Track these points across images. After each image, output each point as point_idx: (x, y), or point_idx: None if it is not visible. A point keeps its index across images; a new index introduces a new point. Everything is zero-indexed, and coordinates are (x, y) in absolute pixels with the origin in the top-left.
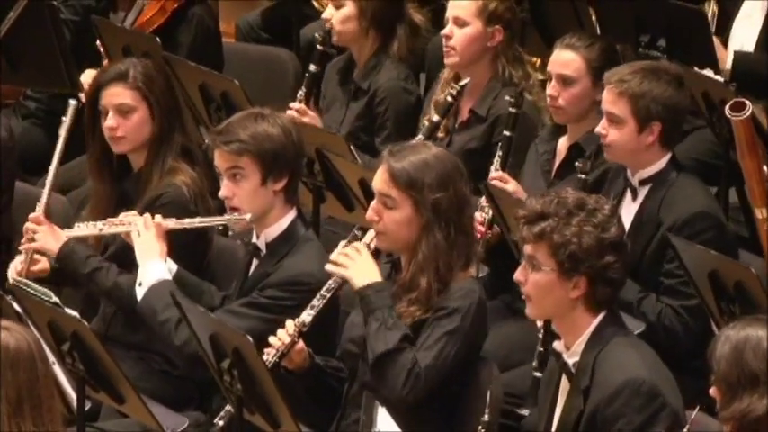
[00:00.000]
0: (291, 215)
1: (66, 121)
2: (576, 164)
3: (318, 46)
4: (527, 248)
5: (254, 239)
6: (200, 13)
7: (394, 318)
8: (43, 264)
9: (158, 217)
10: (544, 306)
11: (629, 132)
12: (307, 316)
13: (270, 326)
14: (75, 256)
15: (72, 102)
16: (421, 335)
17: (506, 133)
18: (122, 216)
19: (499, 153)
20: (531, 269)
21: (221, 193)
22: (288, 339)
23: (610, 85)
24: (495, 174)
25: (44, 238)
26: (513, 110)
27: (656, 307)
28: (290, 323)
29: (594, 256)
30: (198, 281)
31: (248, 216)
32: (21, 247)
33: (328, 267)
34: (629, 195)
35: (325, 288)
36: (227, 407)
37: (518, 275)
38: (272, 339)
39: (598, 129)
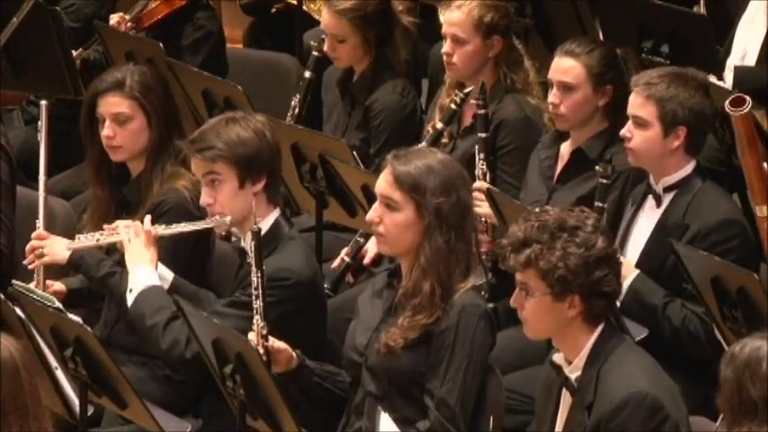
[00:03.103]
0: (274, 215)
1: (42, 124)
2: (597, 168)
3: (314, 52)
4: (517, 276)
5: (241, 243)
6: (205, 17)
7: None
8: (59, 286)
9: (147, 224)
10: (542, 328)
11: (655, 136)
12: (260, 322)
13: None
14: (87, 259)
15: (43, 102)
16: (440, 364)
17: (481, 135)
18: (117, 223)
19: (480, 156)
20: (525, 295)
21: (202, 201)
22: (261, 349)
23: (637, 88)
24: (479, 183)
25: (51, 248)
26: (481, 111)
27: (681, 312)
28: (251, 334)
29: (583, 274)
30: (195, 288)
31: (228, 218)
32: (31, 266)
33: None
34: (651, 201)
35: (253, 287)
36: None
37: (513, 301)
38: None
39: (623, 132)
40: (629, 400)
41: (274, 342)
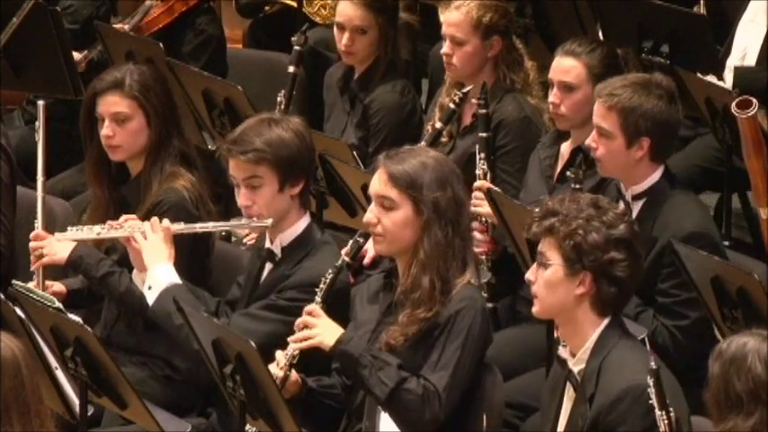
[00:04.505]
0: (306, 219)
1: (40, 124)
2: (568, 173)
3: (296, 47)
4: (539, 247)
5: (267, 245)
6: (206, 21)
7: (378, 356)
8: (58, 287)
9: (166, 221)
10: (550, 304)
11: (618, 147)
12: (295, 349)
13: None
14: (86, 259)
15: (40, 103)
16: (433, 353)
17: (482, 135)
18: (124, 217)
19: (481, 155)
20: (541, 267)
21: (240, 202)
22: (281, 374)
23: (600, 99)
24: (479, 183)
25: (50, 248)
26: (482, 111)
27: (652, 324)
28: (279, 355)
29: (599, 249)
30: (192, 287)
31: (270, 221)
32: (32, 268)
33: (294, 346)
34: (621, 207)
35: (317, 301)
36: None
37: (529, 275)
38: None
39: (588, 141)
40: (627, 392)
41: (293, 373)
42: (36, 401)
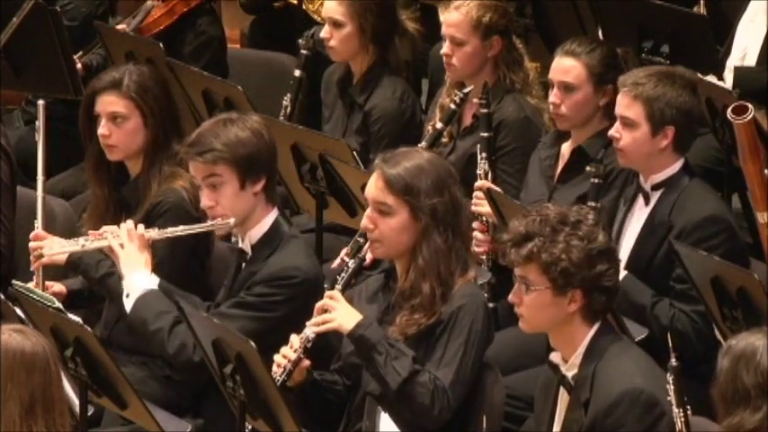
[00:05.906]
0: (273, 215)
1: (40, 124)
2: (588, 168)
3: (303, 51)
4: (517, 270)
5: (239, 244)
6: (207, 22)
7: (394, 345)
8: (58, 287)
9: (141, 227)
10: (539, 322)
11: (643, 136)
12: (311, 333)
13: (260, 324)
14: (85, 260)
15: (40, 102)
16: (436, 350)
17: (483, 134)
18: (104, 228)
19: (482, 155)
20: (525, 290)
21: (203, 204)
22: (294, 356)
23: (624, 89)
24: (480, 183)
25: (50, 249)
26: (483, 111)
27: (670, 311)
28: (294, 339)
29: (586, 267)
30: (182, 292)
31: (232, 220)
32: (32, 268)
33: (314, 330)
34: (641, 200)
35: (341, 283)
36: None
37: (512, 297)
38: (277, 358)
39: (611, 132)
40: (624, 396)
41: (304, 360)
42: (60, 400)
